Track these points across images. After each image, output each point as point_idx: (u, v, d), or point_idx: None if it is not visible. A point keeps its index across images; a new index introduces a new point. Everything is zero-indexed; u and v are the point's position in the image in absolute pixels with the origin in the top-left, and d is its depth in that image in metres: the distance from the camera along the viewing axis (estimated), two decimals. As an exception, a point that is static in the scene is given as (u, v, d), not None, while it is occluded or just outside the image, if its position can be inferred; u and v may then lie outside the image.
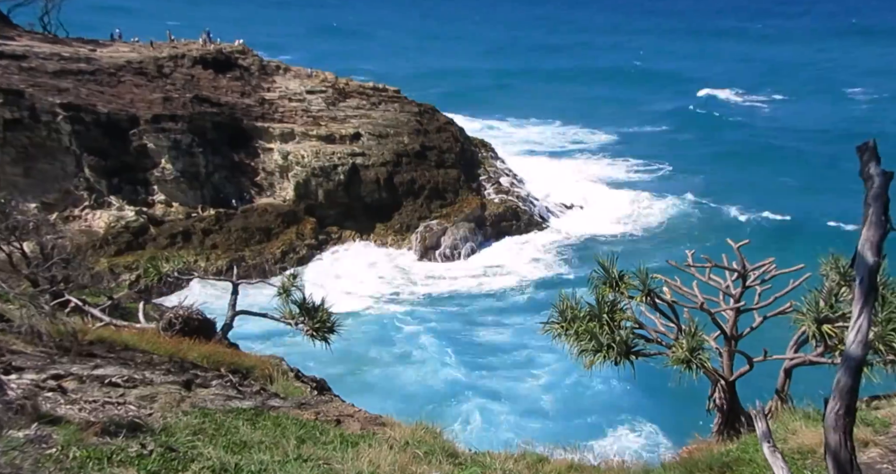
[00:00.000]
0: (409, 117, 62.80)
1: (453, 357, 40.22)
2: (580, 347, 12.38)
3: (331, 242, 54.71)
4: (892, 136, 61.34)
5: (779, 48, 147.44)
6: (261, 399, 10.55)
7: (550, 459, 9.82)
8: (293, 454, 7.59)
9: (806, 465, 8.32)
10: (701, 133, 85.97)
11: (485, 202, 59.16)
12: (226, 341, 16.12)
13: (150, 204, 51.96)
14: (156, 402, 8.81)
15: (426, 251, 54.34)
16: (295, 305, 16.35)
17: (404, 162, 58.49)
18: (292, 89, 62.79)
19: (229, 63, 63.17)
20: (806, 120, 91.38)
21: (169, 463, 6.49)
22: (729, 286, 13.40)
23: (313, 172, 55.20)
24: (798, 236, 52.75)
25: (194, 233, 51.31)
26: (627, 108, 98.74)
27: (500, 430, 32.88)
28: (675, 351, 11.80)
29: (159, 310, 17.57)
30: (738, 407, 12.87)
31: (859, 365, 4.72)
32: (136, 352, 11.36)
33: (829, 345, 11.63)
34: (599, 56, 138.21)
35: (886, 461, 7.92)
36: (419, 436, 9.28)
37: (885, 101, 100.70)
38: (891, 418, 9.44)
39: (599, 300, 12.68)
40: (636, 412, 34.26)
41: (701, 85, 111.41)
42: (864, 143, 4.68)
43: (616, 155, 78.22)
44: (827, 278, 12.36)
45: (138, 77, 57.10)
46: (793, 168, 71.53)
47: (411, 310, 46.97)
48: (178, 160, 52.40)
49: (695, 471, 9.33)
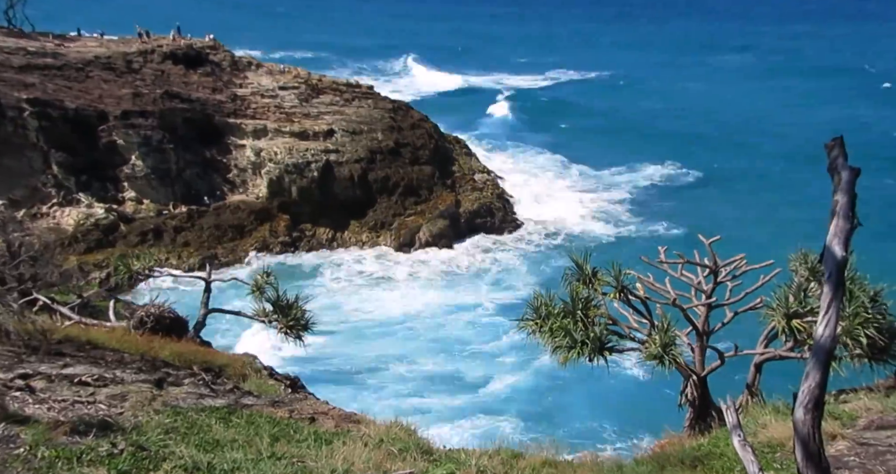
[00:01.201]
0: (383, 114, 62.63)
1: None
2: (555, 344, 12.45)
3: (304, 240, 54.44)
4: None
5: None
6: (234, 397, 10.48)
7: (525, 455, 9.84)
8: (266, 452, 7.54)
9: (775, 458, 8.43)
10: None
11: (459, 199, 59.20)
12: (198, 339, 15.98)
13: (119, 201, 51.34)
14: (127, 401, 8.71)
15: (401, 248, 54.36)
16: (269, 303, 16.25)
17: (378, 159, 58.33)
18: (264, 85, 62.33)
19: (200, 58, 62.54)
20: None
21: (140, 462, 6.42)
22: (701, 282, 13.53)
23: (286, 169, 54.85)
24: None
25: (165, 231, 50.79)
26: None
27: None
28: (649, 346, 11.90)
29: (130, 308, 17.36)
30: (710, 401, 13.01)
31: (828, 359, 4.78)
32: (107, 350, 11.21)
33: (799, 339, 11.79)
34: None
35: (853, 453, 8.05)
36: (394, 434, 9.26)
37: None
38: (858, 411, 9.59)
39: (573, 297, 12.75)
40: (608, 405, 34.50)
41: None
42: (832, 140, 4.74)
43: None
44: (796, 274, 12.52)
45: (107, 72, 56.35)
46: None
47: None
48: (148, 157, 51.81)
49: (667, 466, 9.41)
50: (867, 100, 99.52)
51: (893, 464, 7.58)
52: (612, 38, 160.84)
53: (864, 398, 10.47)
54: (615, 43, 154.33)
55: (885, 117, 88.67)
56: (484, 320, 45.05)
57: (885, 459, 7.75)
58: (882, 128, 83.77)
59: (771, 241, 44.48)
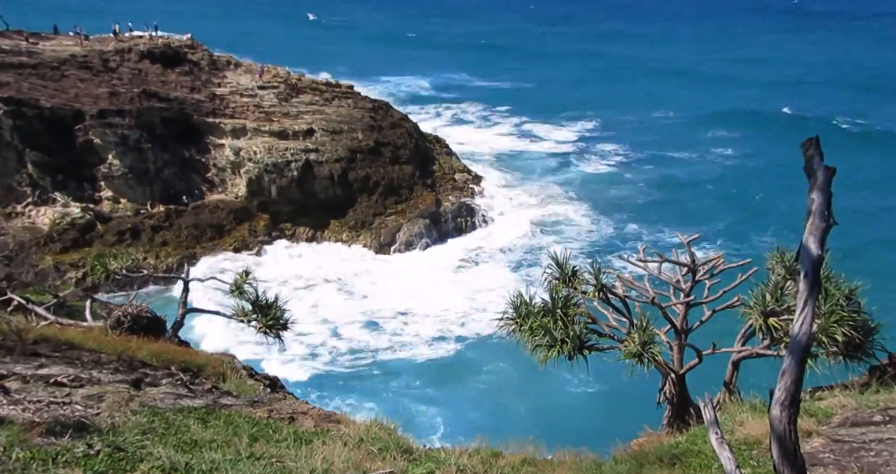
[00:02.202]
0: (363, 113, 62.51)
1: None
2: (535, 342, 12.47)
3: (284, 239, 54.23)
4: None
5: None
6: (212, 397, 10.40)
7: (505, 454, 9.86)
8: (245, 452, 7.49)
9: (752, 456, 8.49)
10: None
11: (440, 198, 59.20)
12: (176, 339, 15.85)
13: (96, 200, 50.87)
14: (103, 402, 8.62)
15: (381, 247, 54.29)
16: (248, 302, 16.15)
17: (358, 158, 58.21)
18: (243, 84, 62.02)
19: (178, 57, 62.13)
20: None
21: (117, 463, 6.35)
22: (679, 280, 13.61)
23: (266, 168, 54.60)
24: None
25: (143, 230, 50.40)
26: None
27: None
28: (628, 345, 11.95)
29: (107, 308, 17.19)
30: (688, 399, 13.09)
31: (804, 356, 4.82)
32: (83, 350, 11.10)
33: (775, 337, 11.89)
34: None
35: (828, 450, 8.12)
36: (374, 433, 9.24)
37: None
38: (833, 408, 9.68)
39: (553, 296, 12.79)
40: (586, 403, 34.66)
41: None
42: (808, 139, 4.78)
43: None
44: (773, 272, 12.62)
45: (83, 71, 55.79)
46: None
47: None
48: (125, 156, 51.37)
49: (645, 464, 9.45)
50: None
51: (867, 461, 7.67)
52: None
53: (839, 395, 10.57)
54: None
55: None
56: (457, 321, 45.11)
57: (859, 456, 7.84)
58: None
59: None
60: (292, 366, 38.67)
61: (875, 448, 7.99)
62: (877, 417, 9.00)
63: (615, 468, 9.65)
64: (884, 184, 65.68)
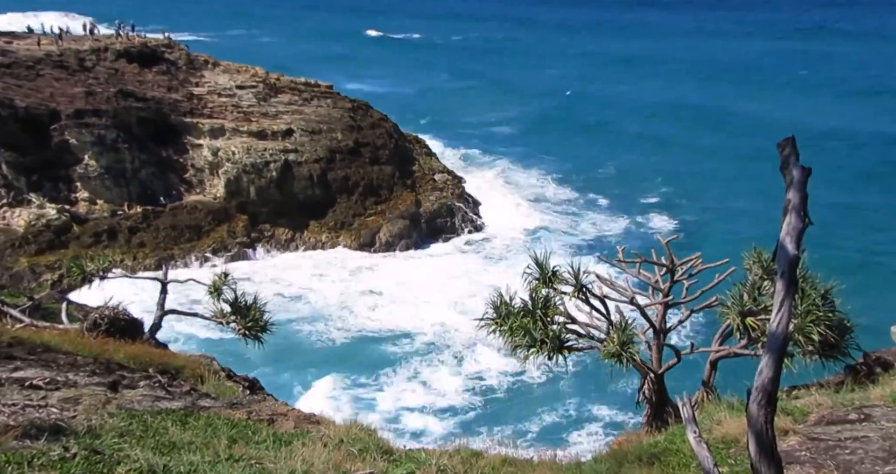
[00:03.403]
0: (343, 113, 62.33)
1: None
2: (514, 342, 12.52)
3: (263, 240, 53.97)
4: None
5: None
6: (191, 399, 10.33)
7: (485, 454, 9.87)
8: (224, 454, 7.44)
9: (730, 454, 8.57)
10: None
11: (420, 199, 59.17)
12: (154, 341, 15.72)
13: (72, 201, 50.34)
14: (80, 405, 8.53)
15: (361, 248, 54.22)
16: (227, 304, 16.04)
17: (338, 158, 58.06)
18: (221, 84, 61.61)
19: (155, 57, 61.58)
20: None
21: (94, 465, 6.28)
22: (658, 281, 13.71)
23: (244, 169, 54.31)
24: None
25: (120, 232, 49.94)
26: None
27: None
28: (607, 345, 12.02)
29: (83, 310, 17.01)
30: (667, 398, 13.19)
31: (781, 356, 4.86)
32: (59, 353, 10.98)
33: (753, 337, 12.01)
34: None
35: (805, 448, 8.21)
36: (354, 434, 9.22)
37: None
38: (809, 407, 9.78)
39: (533, 296, 12.84)
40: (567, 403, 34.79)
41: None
42: (784, 139, 4.82)
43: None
44: (750, 272, 12.74)
45: (58, 70, 55.18)
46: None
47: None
48: (102, 156, 50.89)
49: (625, 463, 9.50)
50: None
51: (843, 459, 7.76)
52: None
53: (815, 394, 10.69)
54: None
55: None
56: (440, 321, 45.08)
57: (834, 453, 7.93)
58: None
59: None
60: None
61: (850, 446, 8.09)
62: (852, 415, 9.12)
63: (595, 467, 9.69)
64: (853, 183, 66.41)
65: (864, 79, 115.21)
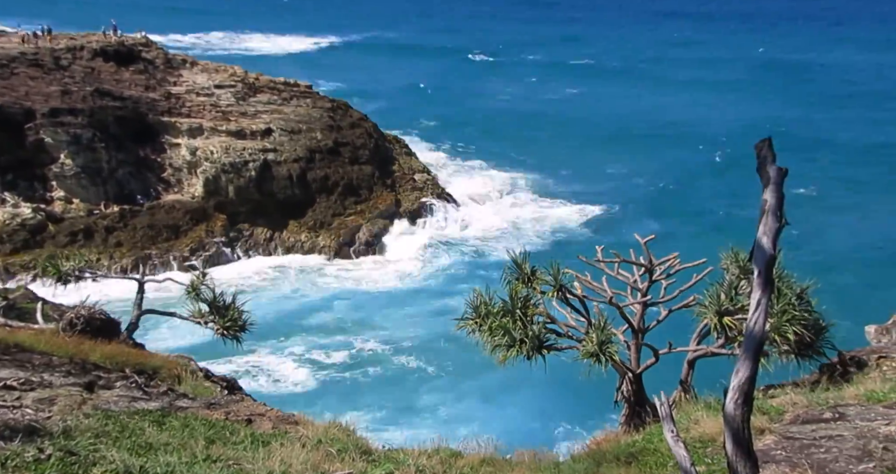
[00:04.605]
0: (322, 113, 62.08)
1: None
2: (494, 342, 12.52)
3: (242, 240, 53.67)
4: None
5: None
6: (168, 399, 10.25)
7: (464, 454, 9.88)
8: (202, 455, 7.40)
9: (707, 453, 8.64)
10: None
11: (399, 198, 59.10)
12: (131, 341, 15.59)
13: (48, 200, 49.79)
14: (55, 405, 8.45)
15: (340, 248, 54.07)
16: (205, 304, 15.94)
17: (317, 158, 57.82)
18: (200, 83, 61.13)
19: (132, 56, 60.88)
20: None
21: (69, 467, 6.22)
22: (636, 280, 13.78)
23: (223, 168, 53.94)
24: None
25: (97, 231, 49.45)
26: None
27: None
28: (586, 344, 12.07)
29: (59, 309, 16.84)
30: (645, 398, 13.26)
31: (757, 355, 4.91)
32: (34, 353, 10.86)
33: (730, 336, 12.11)
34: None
35: (780, 447, 8.29)
36: (332, 434, 9.20)
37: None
38: (785, 406, 9.88)
39: (512, 296, 12.86)
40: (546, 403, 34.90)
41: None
42: (761, 141, 4.87)
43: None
44: (727, 272, 12.85)
45: (33, 69, 54.46)
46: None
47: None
48: (78, 155, 50.35)
49: (603, 462, 9.55)
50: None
51: (818, 458, 7.84)
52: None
53: (790, 393, 10.80)
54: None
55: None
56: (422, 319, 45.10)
57: (809, 452, 8.01)
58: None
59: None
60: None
61: (825, 444, 8.18)
62: (826, 414, 9.21)
63: (573, 466, 9.74)
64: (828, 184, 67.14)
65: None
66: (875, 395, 9.76)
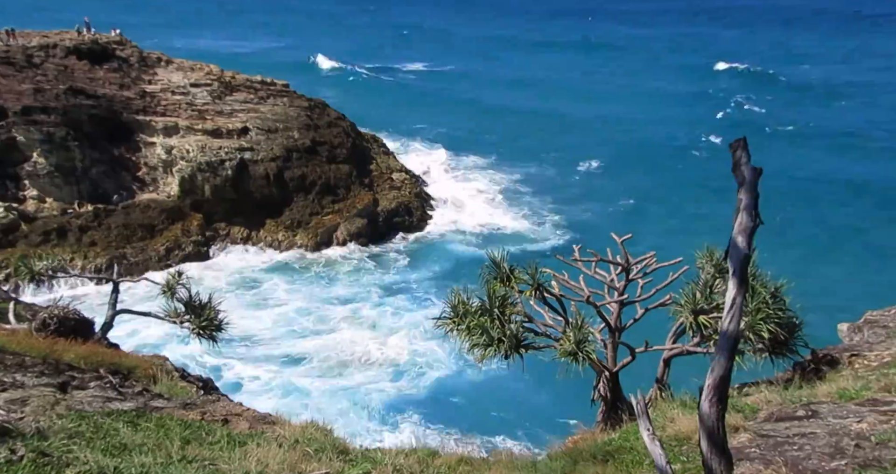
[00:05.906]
0: (299, 112, 61.81)
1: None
2: (472, 342, 12.54)
3: (218, 239, 53.30)
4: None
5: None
6: (143, 400, 10.16)
7: (441, 453, 9.89)
8: (177, 455, 7.34)
9: (682, 451, 8.69)
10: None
11: (377, 197, 58.98)
12: (105, 341, 15.43)
13: (20, 199, 49.18)
14: (27, 406, 8.33)
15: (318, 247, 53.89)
16: (180, 303, 15.82)
17: (294, 157, 57.57)
18: (175, 82, 60.61)
19: (106, 54, 60.23)
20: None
21: (41, 468, 6.14)
22: (613, 279, 13.86)
23: (199, 167, 53.54)
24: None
25: (70, 230, 48.90)
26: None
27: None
28: (563, 343, 12.10)
29: (32, 309, 16.63)
30: (621, 396, 13.34)
31: (732, 353, 4.95)
32: (6, 353, 10.70)
33: (705, 334, 12.20)
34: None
35: (755, 445, 8.36)
36: (309, 434, 9.15)
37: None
38: (759, 404, 9.97)
39: (490, 295, 12.87)
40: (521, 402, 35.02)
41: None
42: (735, 140, 4.91)
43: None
44: (703, 270, 12.94)
45: (5, 67, 53.73)
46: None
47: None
48: (51, 154, 49.78)
49: (579, 461, 9.58)
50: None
51: (791, 455, 7.91)
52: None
53: (764, 391, 10.90)
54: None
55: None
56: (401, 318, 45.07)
57: (783, 450, 8.08)
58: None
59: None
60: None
61: (798, 442, 8.26)
62: (800, 412, 9.31)
63: (550, 465, 9.76)
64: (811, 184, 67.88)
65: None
66: (847, 393, 9.87)
